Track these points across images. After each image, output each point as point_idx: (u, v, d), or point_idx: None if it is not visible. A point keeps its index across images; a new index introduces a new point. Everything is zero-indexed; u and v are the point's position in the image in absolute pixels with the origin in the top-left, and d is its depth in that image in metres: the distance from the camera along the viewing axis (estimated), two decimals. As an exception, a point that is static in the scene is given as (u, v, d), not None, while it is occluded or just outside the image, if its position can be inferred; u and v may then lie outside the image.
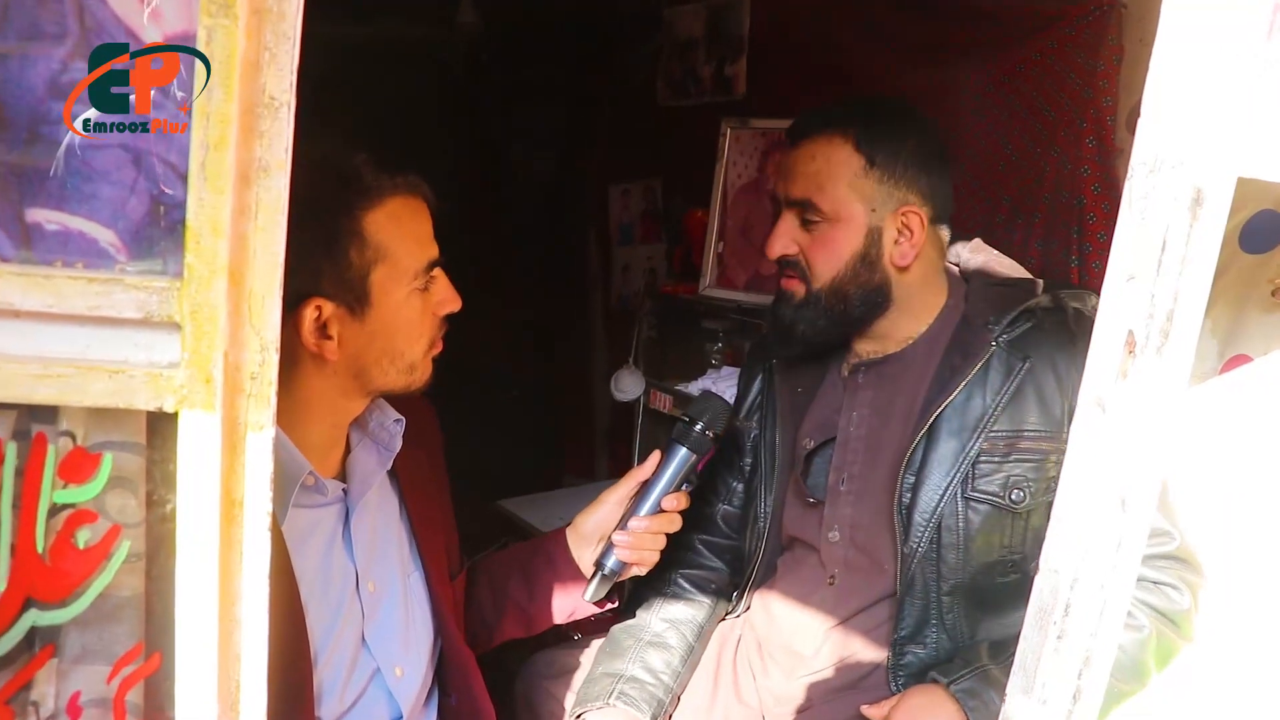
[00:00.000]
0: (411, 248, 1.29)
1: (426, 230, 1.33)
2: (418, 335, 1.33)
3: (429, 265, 1.32)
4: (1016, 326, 1.56)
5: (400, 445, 1.43)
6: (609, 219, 3.87)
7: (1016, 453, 1.52)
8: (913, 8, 2.26)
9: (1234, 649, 1.27)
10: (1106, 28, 1.78)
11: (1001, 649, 1.51)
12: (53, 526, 0.76)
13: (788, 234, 1.62)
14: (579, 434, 4.16)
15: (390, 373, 1.33)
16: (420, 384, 1.37)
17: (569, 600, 1.59)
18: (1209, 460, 1.37)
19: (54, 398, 0.71)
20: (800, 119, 1.64)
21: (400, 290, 1.29)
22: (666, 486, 1.52)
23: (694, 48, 3.24)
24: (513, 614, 1.62)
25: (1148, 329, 0.91)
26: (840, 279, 1.60)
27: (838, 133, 1.58)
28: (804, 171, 1.59)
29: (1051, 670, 0.99)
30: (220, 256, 0.72)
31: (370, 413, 1.43)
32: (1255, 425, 1.34)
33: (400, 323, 1.30)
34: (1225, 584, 1.35)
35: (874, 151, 1.57)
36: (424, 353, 1.35)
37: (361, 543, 1.39)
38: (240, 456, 0.76)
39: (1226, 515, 1.36)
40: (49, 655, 0.79)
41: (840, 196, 1.57)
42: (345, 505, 1.39)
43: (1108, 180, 1.79)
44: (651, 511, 1.51)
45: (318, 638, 1.29)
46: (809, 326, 1.63)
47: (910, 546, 1.55)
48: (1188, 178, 0.87)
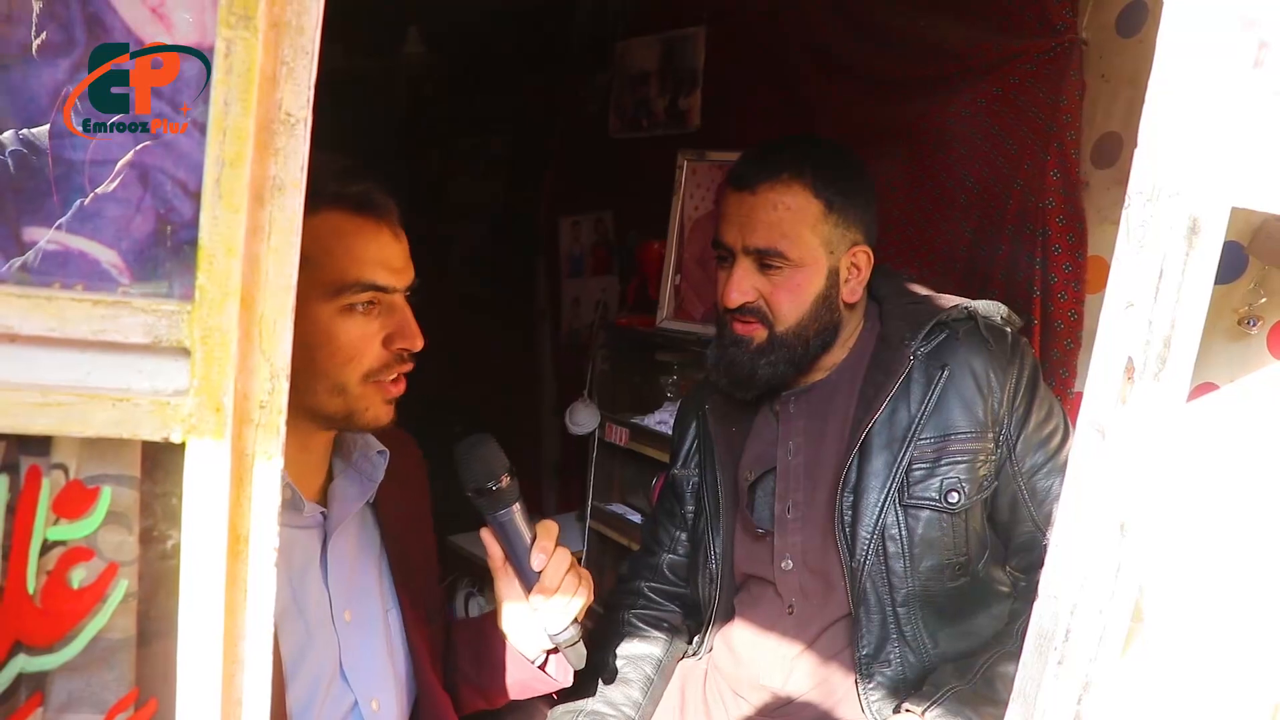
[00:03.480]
0: (340, 261, 1.21)
1: (375, 254, 1.24)
2: (349, 358, 1.24)
3: (363, 285, 1.23)
4: (932, 338, 1.61)
5: (382, 477, 1.38)
6: (559, 251, 3.85)
7: (946, 456, 1.57)
8: (872, 41, 2.30)
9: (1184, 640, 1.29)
10: (1069, 63, 1.82)
11: (968, 666, 1.54)
12: (44, 565, 0.72)
13: (746, 280, 1.61)
14: (527, 469, 4.11)
15: (318, 391, 1.24)
16: (368, 419, 1.29)
17: (519, 676, 1.51)
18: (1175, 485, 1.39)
19: (54, 427, 0.67)
20: (750, 165, 1.63)
21: (318, 302, 1.20)
22: (522, 551, 1.39)
23: (647, 80, 3.26)
24: (466, 690, 1.57)
25: (1145, 355, 0.92)
26: (803, 321, 1.62)
27: (795, 179, 1.58)
28: (766, 220, 1.58)
29: (1051, 696, 0.99)
30: (233, 278, 0.68)
31: (354, 443, 1.39)
32: (1220, 452, 1.36)
33: (323, 339, 1.22)
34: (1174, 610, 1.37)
35: (830, 195, 1.59)
36: (358, 379, 1.25)
37: (339, 571, 1.34)
38: (246, 489, 0.72)
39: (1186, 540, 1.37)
40: (36, 704, 0.73)
41: (805, 242, 1.59)
42: (324, 531, 1.34)
43: (1072, 212, 1.83)
44: (534, 579, 1.40)
45: (290, 660, 1.24)
46: (770, 370, 1.64)
47: (857, 561, 1.58)
48: (1184, 207, 0.88)
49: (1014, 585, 1.63)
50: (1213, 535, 1.36)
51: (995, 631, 1.61)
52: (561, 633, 1.41)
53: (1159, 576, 1.12)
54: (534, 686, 1.52)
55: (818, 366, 1.70)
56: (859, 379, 1.67)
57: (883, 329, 1.68)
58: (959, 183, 2.08)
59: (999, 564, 1.64)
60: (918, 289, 1.74)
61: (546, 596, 1.38)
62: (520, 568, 1.40)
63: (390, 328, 1.27)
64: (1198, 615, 1.34)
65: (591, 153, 3.63)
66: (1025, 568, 1.62)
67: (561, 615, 1.40)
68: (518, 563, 1.40)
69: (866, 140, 2.29)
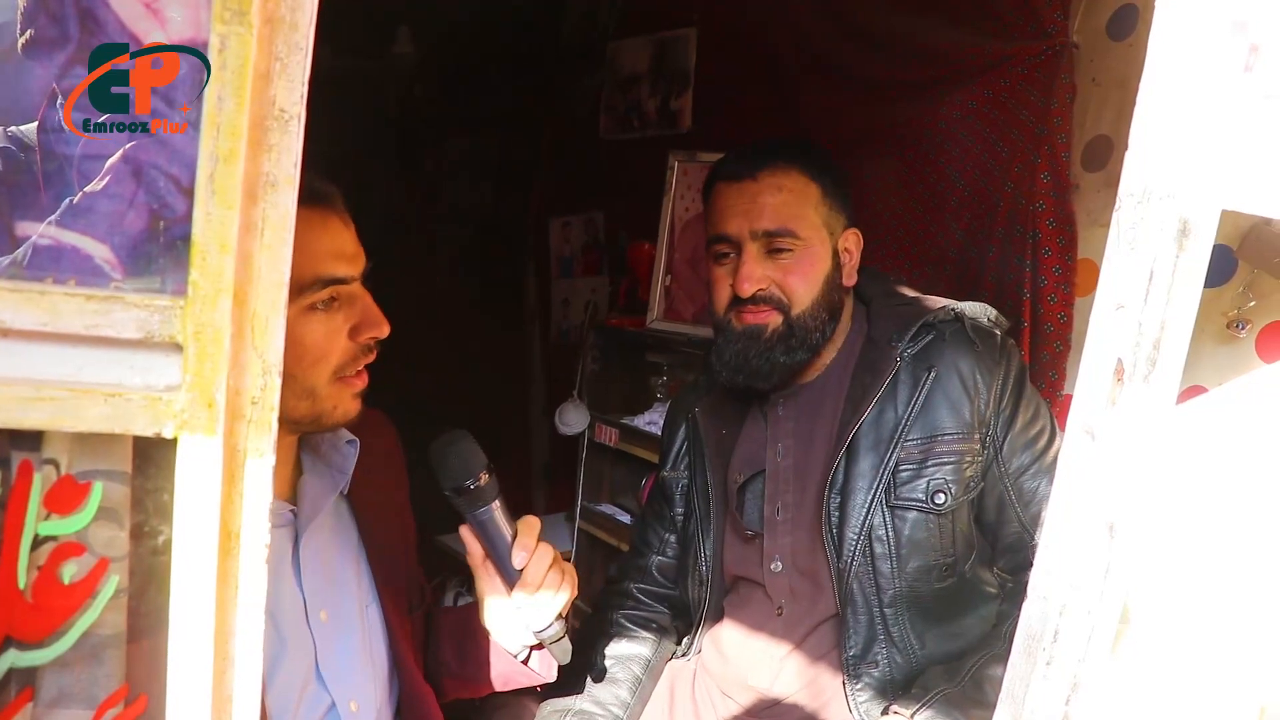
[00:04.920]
0: (295, 260, 1.19)
1: (329, 246, 1.20)
2: (317, 359, 1.20)
3: (324, 282, 1.18)
4: (919, 340, 1.62)
5: (353, 467, 1.35)
6: (549, 252, 3.85)
7: (933, 457, 1.57)
8: (864, 43, 2.30)
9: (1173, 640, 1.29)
10: (1059, 66, 1.83)
11: (956, 669, 1.55)
12: (35, 560, 0.71)
13: (758, 268, 1.62)
14: (516, 469, 4.11)
15: (285, 397, 1.23)
16: (335, 416, 1.25)
17: (497, 671, 1.49)
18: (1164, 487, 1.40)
19: (46, 422, 0.67)
20: (744, 157, 1.66)
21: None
22: (503, 549, 1.36)
23: (638, 81, 3.26)
24: (448, 680, 1.55)
25: (1135, 357, 0.92)
26: (817, 302, 1.63)
27: (792, 164, 1.63)
28: (773, 202, 1.61)
29: (1040, 697, 0.99)
30: (226, 275, 0.68)
31: (322, 436, 1.35)
32: (1209, 454, 1.37)
33: (289, 342, 1.21)
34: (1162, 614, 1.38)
35: (822, 179, 1.64)
36: (327, 378, 1.22)
37: (312, 570, 1.31)
38: (238, 485, 0.72)
39: (1174, 542, 1.38)
40: (27, 699, 0.73)
41: (810, 221, 1.62)
42: (295, 530, 1.31)
43: (1062, 215, 1.83)
44: (515, 576, 1.36)
45: (264, 666, 1.22)
46: (789, 357, 1.64)
47: (844, 562, 1.58)
48: (1175, 209, 0.89)
49: (1001, 587, 1.64)
50: (1201, 537, 1.36)
51: (983, 633, 1.61)
52: (546, 629, 1.39)
53: (1148, 578, 1.13)
54: (517, 680, 1.50)
55: (809, 367, 1.70)
56: (847, 380, 1.68)
57: (870, 330, 1.69)
58: (950, 186, 2.09)
59: (986, 565, 1.64)
60: (906, 291, 1.75)
61: (529, 594, 1.35)
62: (501, 565, 1.37)
63: (354, 318, 1.23)
64: (1186, 617, 1.35)
65: (582, 153, 3.63)
66: (1012, 569, 1.62)
67: (545, 612, 1.37)
68: (499, 560, 1.37)
69: (858, 142, 2.30)
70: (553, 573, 1.37)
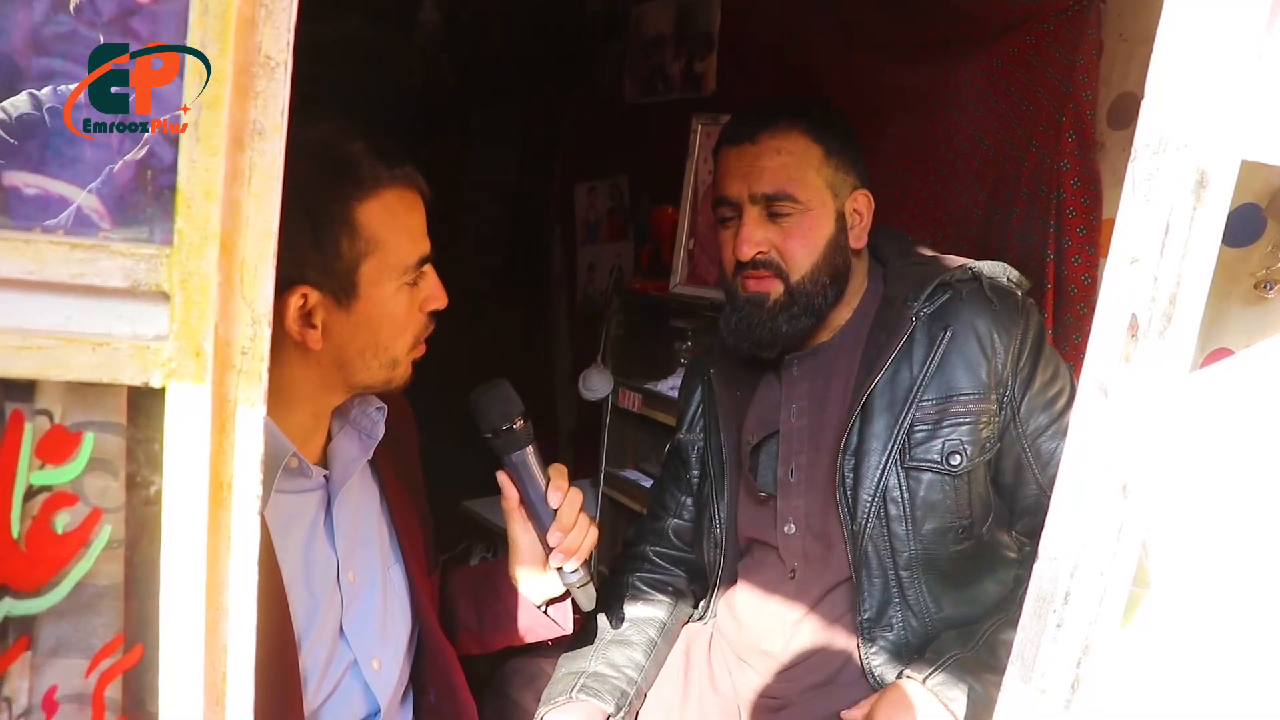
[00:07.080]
0: (404, 242, 1.26)
1: (420, 225, 1.29)
2: (402, 330, 1.30)
3: (420, 261, 1.29)
4: (935, 299, 1.60)
5: (383, 433, 1.40)
6: (574, 217, 3.83)
7: (949, 418, 1.56)
8: (888, 3, 2.26)
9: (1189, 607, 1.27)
10: (1085, 22, 1.78)
11: (970, 632, 1.53)
12: (29, 510, 0.72)
13: (758, 231, 1.60)
14: (543, 434, 4.11)
15: (373, 366, 1.29)
16: (400, 382, 1.35)
17: (519, 623, 1.54)
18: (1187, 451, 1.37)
19: (33, 371, 0.67)
20: (746, 119, 1.64)
21: (389, 284, 1.25)
22: (539, 492, 1.44)
23: (662, 45, 3.23)
24: (464, 636, 1.60)
25: (1150, 312, 0.90)
26: (818, 267, 1.61)
27: (793, 126, 1.60)
28: (771, 165, 1.59)
29: (1050, 659, 0.98)
30: (212, 223, 0.68)
31: (352, 400, 1.39)
32: (1235, 417, 1.34)
33: (386, 317, 1.27)
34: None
35: (827, 140, 1.61)
36: (408, 349, 1.32)
37: (343, 531, 1.36)
38: (229, 436, 0.72)
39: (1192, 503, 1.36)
40: (23, 648, 0.74)
41: (811, 184, 1.60)
42: (327, 492, 1.35)
43: (1087, 174, 1.79)
44: (550, 518, 1.44)
45: (300, 627, 1.25)
46: (792, 325, 1.62)
47: (859, 524, 1.57)
48: (1191, 160, 0.87)
49: (1020, 550, 1.62)
50: (1223, 501, 1.34)
51: (1000, 598, 1.59)
52: (573, 573, 1.47)
53: (1163, 539, 1.11)
54: (537, 631, 1.56)
55: (824, 326, 1.68)
56: (862, 340, 1.66)
57: (886, 290, 1.67)
58: (974, 146, 2.05)
59: (1004, 528, 1.62)
60: (924, 250, 1.72)
61: (565, 534, 1.42)
62: (535, 509, 1.44)
63: (425, 290, 1.32)
64: (1204, 580, 1.32)
65: (607, 118, 3.61)
66: (1030, 532, 1.60)
67: (575, 555, 1.45)
68: (533, 504, 1.44)
69: (881, 104, 2.26)
70: (583, 515, 1.45)
